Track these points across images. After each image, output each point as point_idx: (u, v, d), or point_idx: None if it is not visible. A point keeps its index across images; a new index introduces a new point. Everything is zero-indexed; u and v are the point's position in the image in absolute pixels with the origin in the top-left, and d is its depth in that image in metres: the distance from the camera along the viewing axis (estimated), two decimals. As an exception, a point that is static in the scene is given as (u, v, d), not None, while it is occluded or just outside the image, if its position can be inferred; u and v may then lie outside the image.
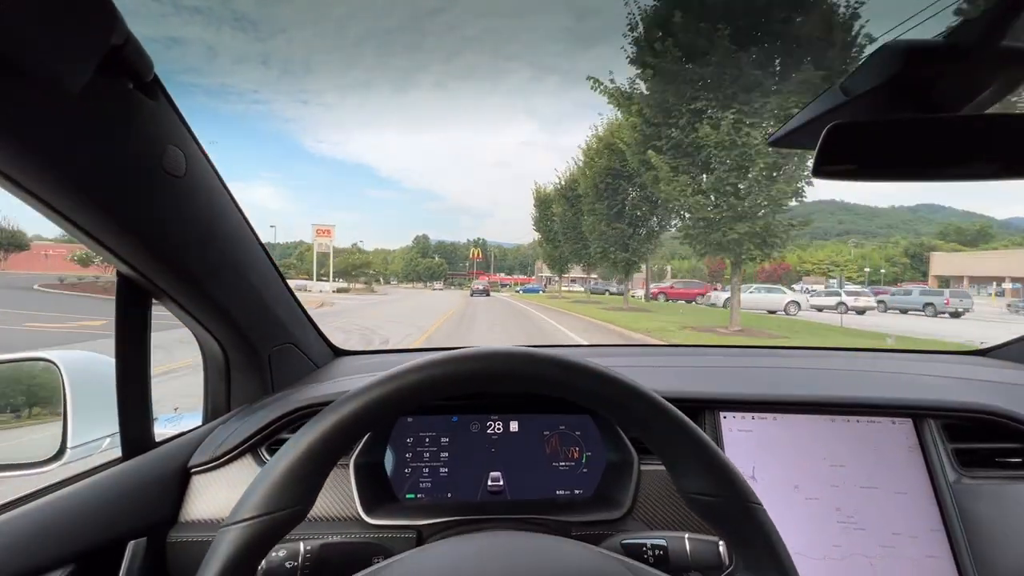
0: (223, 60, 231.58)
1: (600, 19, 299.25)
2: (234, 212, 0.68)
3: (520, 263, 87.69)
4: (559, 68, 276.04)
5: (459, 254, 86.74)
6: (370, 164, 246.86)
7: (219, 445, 0.72)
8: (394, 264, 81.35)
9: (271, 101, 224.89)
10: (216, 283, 0.67)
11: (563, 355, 0.35)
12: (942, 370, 0.91)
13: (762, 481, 0.71)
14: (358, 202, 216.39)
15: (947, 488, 0.70)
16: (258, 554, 0.31)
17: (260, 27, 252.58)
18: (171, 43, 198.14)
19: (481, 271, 61.89)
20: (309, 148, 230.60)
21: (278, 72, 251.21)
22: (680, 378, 0.85)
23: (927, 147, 0.43)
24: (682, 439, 0.35)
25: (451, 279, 72.41)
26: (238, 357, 0.81)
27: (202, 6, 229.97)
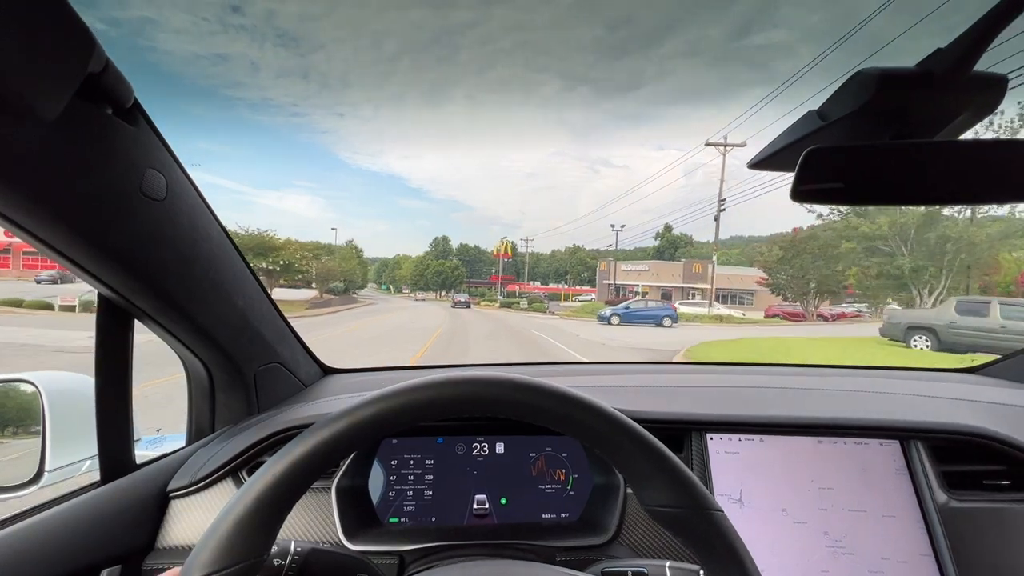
0: (265, 75, 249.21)
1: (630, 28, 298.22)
2: (218, 232, 0.72)
3: (555, 271, 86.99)
4: (590, 78, 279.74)
5: (485, 259, 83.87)
6: (401, 175, 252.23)
7: (199, 469, 0.75)
8: (403, 269, 79.19)
9: (309, 114, 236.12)
10: (198, 304, 0.72)
11: (518, 377, 0.37)
12: (930, 389, 0.99)
13: (750, 504, 0.76)
14: (388, 211, 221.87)
15: (935, 511, 0.76)
16: None
17: (301, 43, 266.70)
18: (218, 60, 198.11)
19: (510, 277, 59.66)
20: (344, 159, 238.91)
21: (317, 86, 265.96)
22: (666, 398, 0.91)
23: (902, 171, 0.49)
24: (639, 451, 0.38)
25: (470, 287, 68.45)
26: (222, 377, 0.86)
27: (248, 24, 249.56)
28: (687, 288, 49.43)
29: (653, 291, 47.56)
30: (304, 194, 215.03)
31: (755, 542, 0.71)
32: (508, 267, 60.00)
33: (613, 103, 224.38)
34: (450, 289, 70.63)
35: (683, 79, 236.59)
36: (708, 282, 53.73)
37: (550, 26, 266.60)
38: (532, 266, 67.87)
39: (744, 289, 50.92)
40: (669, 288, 46.86)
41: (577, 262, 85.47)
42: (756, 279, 54.87)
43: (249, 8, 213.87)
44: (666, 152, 64.93)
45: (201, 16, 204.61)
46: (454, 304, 35.21)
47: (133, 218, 0.56)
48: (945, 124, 0.50)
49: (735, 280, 51.18)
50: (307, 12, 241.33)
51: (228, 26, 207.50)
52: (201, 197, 0.68)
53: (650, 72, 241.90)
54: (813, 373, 1.19)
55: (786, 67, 50.02)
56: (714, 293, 42.80)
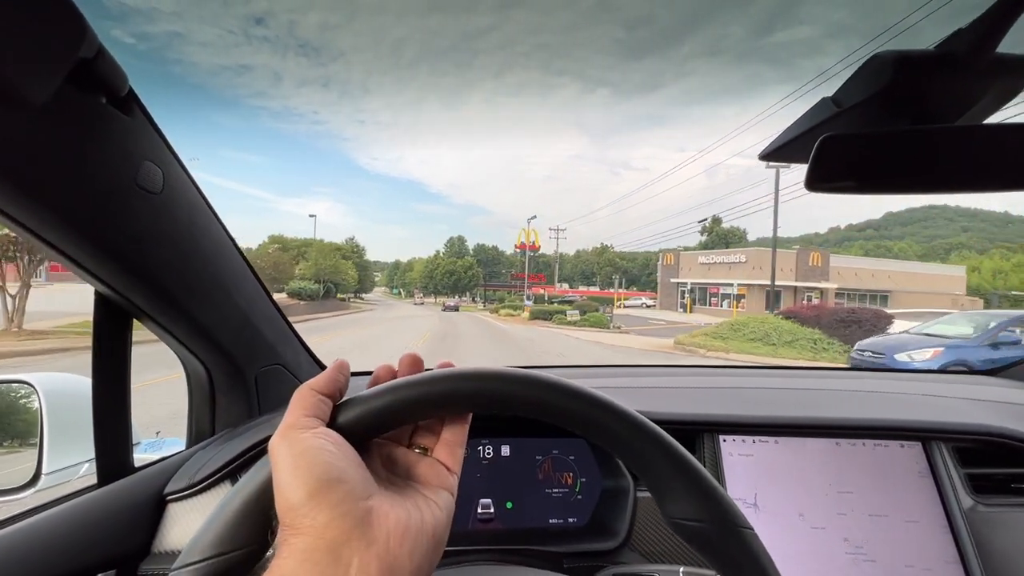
0: (287, 84, 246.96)
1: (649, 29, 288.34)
2: (217, 229, 0.73)
3: (581, 272, 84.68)
4: (609, 81, 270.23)
5: (503, 261, 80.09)
6: (420, 180, 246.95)
7: (197, 471, 0.76)
8: (414, 271, 76.22)
9: (329, 122, 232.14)
10: (198, 302, 0.73)
11: (531, 373, 0.37)
12: (950, 390, 0.99)
13: (765, 508, 0.77)
14: (408, 216, 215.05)
15: (961, 516, 0.75)
16: None
17: (322, 53, 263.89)
18: (242, 70, 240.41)
19: (539, 276, 40.98)
20: (364, 165, 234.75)
21: (337, 94, 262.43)
22: (678, 400, 0.92)
23: (922, 158, 0.47)
24: (661, 458, 0.36)
25: (487, 291, 60.76)
26: (223, 379, 0.87)
27: (270, 35, 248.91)
28: (801, 288, 35.32)
29: (753, 293, 25.91)
30: (324, 200, 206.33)
31: (771, 549, 0.71)
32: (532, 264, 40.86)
33: (632, 104, 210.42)
34: (464, 293, 63.62)
35: (704, 79, 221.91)
36: (830, 279, 37.04)
37: (568, 29, 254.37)
38: (552, 269, 63.13)
39: (878, 290, 37.61)
40: (777, 288, 25.77)
41: (606, 262, 79.42)
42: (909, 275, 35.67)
43: (272, 20, 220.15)
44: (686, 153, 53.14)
45: (226, 28, 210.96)
46: (444, 308, 38.17)
47: (129, 211, 0.56)
48: (966, 108, 0.47)
49: (864, 277, 37.66)
50: (327, 22, 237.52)
51: (251, 37, 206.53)
52: (200, 193, 0.69)
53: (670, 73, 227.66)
54: (829, 375, 1.20)
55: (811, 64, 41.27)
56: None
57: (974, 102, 0.46)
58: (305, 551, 0.26)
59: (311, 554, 0.26)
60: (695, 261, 38.70)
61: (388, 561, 0.28)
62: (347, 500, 0.28)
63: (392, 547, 0.28)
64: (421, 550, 0.30)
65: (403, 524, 0.30)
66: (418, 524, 0.31)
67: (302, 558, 0.26)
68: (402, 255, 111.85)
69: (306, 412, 0.32)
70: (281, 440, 0.31)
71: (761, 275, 32.28)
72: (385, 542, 0.28)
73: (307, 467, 0.28)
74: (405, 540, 0.29)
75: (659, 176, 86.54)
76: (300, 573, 0.25)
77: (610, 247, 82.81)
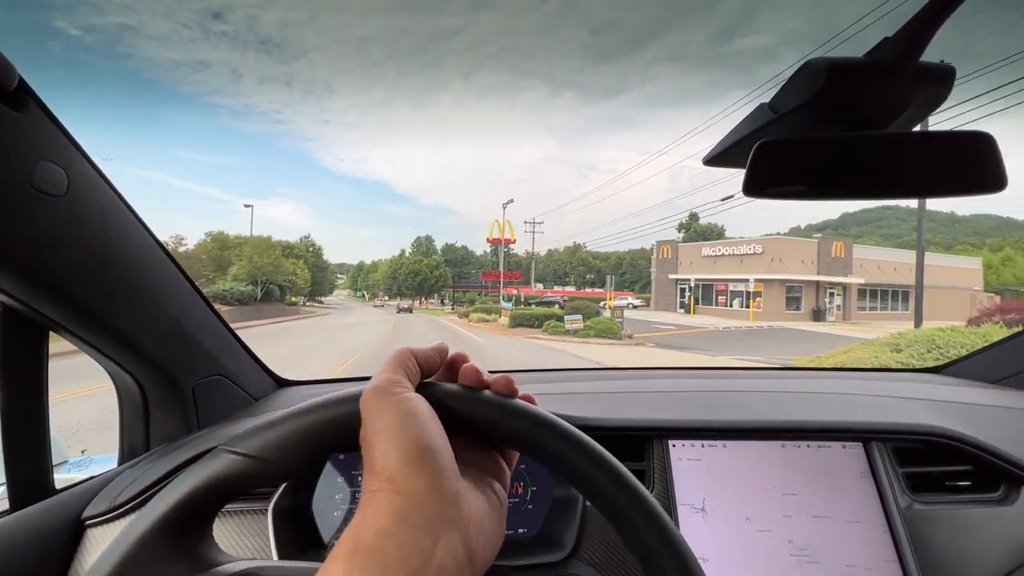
0: (247, 82, 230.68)
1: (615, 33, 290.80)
2: (140, 233, 0.69)
3: (554, 273, 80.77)
4: (576, 83, 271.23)
5: (474, 261, 77.71)
6: (387, 181, 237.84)
7: (119, 493, 0.71)
8: (378, 272, 73.00)
9: (293, 121, 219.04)
10: (119, 312, 0.69)
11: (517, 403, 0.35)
12: (893, 389, 1.02)
13: (713, 513, 0.78)
14: (375, 218, 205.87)
15: (899, 515, 0.77)
16: None
17: (284, 50, 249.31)
18: (199, 67, 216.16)
19: (513, 275, 33.24)
20: (329, 166, 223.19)
21: (301, 93, 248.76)
22: (629, 405, 0.92)
23: (854, 165, 0.48)
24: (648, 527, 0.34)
25: (457, 292, 54.69)
26: (156, 392, 0.82)
27: (229, 31, 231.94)
28: (823, 283, 29.63)
29: (772, 291, 17.68)
30: (287, 202, 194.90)
31: (718, 553, 0.75)
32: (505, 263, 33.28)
33: (599, 107, 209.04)
34: (431, 294, 59.15)
35: (668, 83, 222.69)
36: (852, 272, 30.93)
37: (536, 31, 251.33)
38: (526, 269, 56.03)
39: (900, 285, 31.85)
40: (798, 283, 18.02)
41: (579, 262, 77.58)
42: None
43: (230, 15, 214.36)
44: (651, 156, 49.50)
45: (181, 23, 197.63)
46: (399, 310, 37.31)
47: (25, 215, 0.52)
48: (895, 116, 0.49)
49: (887, 270, 31.80)
50: (289, 19, 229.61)
51: (209, 33, 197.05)
52: (117, 194, 0.65)
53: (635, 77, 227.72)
54: (778, 376, 1.24)
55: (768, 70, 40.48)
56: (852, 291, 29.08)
57: (902, 110, 0.48)
58: (403, 513, 0.26)
59: (410, 517, 0.26)
60: (697, 254, 35.56)
61: (469, 548, 0.28)
62: (443, 475, 0.28)
63: (472, 535, 0.28)
64: (491, 543, 0.30)
65: (481, 514, 0.30)
66: (491, 517, 0.31)
67: (400, 519, 0.26)
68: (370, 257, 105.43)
69: (407, 374, 0.32)
70: (382, 395, 0.30)
71: (781, 268, 26.97)
72: (466, 528, 0.28)
73: (413, 427, 0.28)
74: (481, 531, 0.29)
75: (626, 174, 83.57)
76: (397, 532, 0.25)
77: (583, 246, 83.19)
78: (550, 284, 73.91)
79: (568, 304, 22.04)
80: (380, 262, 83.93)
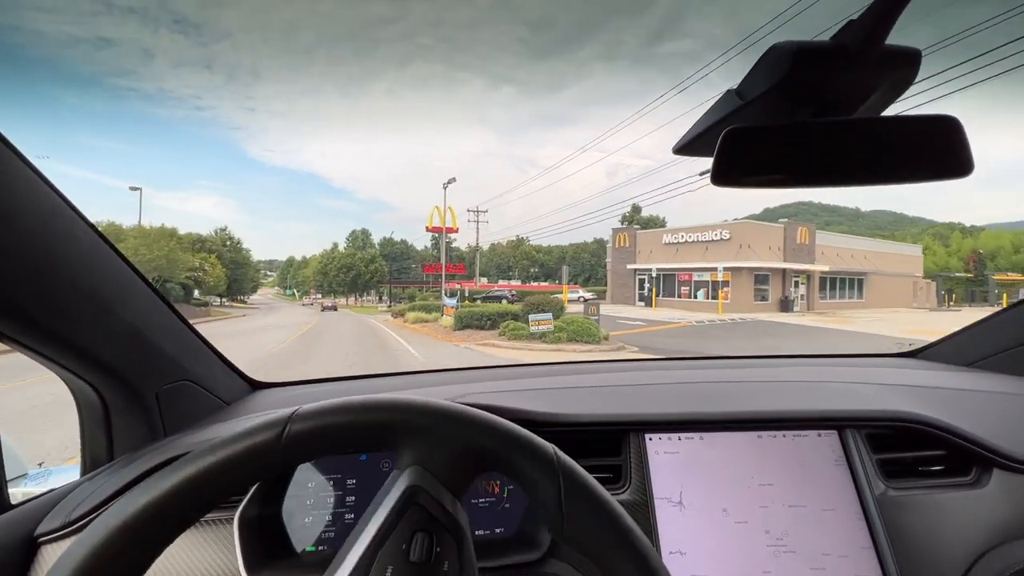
0: (161, 63, 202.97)
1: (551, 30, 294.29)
2: (86, 235, 0.66)
3: (498, 267, 78.06)
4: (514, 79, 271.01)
5: (415, 256, 71.37)
6: (322, 174, 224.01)
7: (76, 507, 0.67)
8: (308, 268, 67.50)
9: (215, 107, 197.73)
10: (69, 319, 0.65)
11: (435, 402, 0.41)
12: (868, 375, 1.02)
13: (690, 506, 0.78)
14: (311, 213, 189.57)
15: (874, 502, 0.77)
16: None
17: (203, 31, 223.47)
18: (103, 44, 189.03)
19: (456, 268, 28.20)
20: (257, 156, 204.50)
21: (223, 78, 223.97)
22: (603, 400, 0.91)
23: (822, 151, 0.47)
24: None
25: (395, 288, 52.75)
26: (117, 400, 0.78)
27: (137, 6, 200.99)
28: (789, 271, 27.32)
29: (740, 280, 13.69)
30: (211, 195, 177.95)
31: (696, 546, 0.75)
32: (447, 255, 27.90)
33: (537, 103, 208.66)
34: (366, 291, 54.69)
35: (603, 82, 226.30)
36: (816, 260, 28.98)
37: (471, 24, 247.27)
38: (470, 262, 50.73)
39: (855, 272, 30.70)
40: (766, 271, 14.27)
41: (522, 256, 76.34)
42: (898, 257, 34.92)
43: None
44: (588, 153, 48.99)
45: None
46: (323, 308, 35.25)
47: None
48: (862, 100, 0.48)
49: (846, 257, 30.43)
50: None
51: (113, 6, 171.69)
52: (58, 194, 0.62)
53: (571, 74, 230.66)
54: (753, 365, 1.23)
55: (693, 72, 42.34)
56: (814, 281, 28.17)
57: (869, 93, 0.47)
58: None
59: None
60: (658, 242, 31.96)
61: None
62: None
63: None
64: None
65: None
66: None
67: None
68: (306, 253, 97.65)
69: None
70: None
71: (751, 255, 24.41)
72: None
73: None
74: None
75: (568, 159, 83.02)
76: None
77: (526, 239, 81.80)
78: (494, 278, 73.32)
79: (525, 300, 16.75)
80: (312, 258, 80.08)
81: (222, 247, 45.35)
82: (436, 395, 0.90)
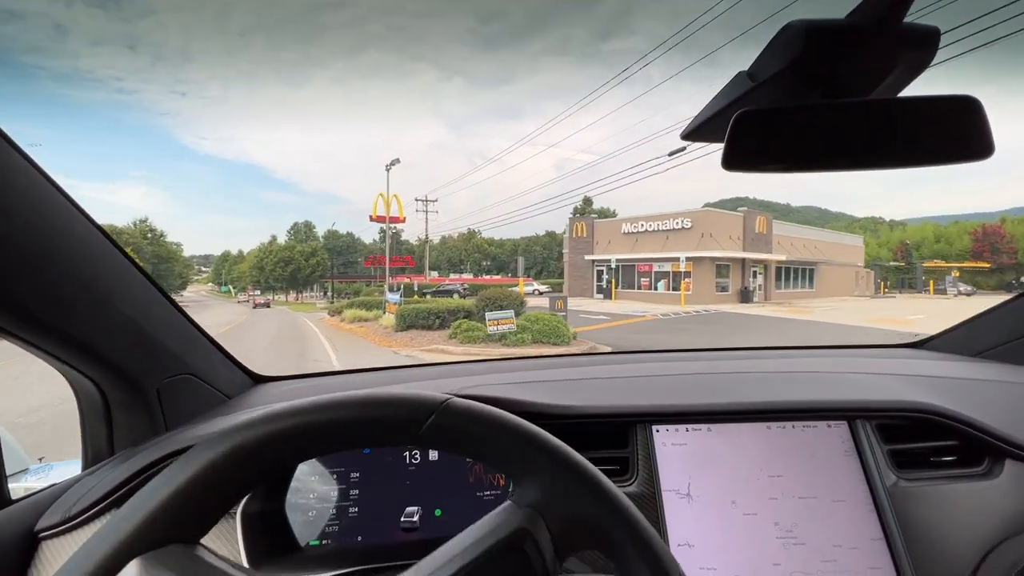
0: (76, 41, 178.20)
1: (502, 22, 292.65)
2: (84, 227, 0.66)
3: (449, 261, 75.86)
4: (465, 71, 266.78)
5: (362, 250, 69.47)
6: (264, 165, 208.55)
7: (76, 502, 0.67)
8: (245, 263, 62.39)
9: (140, 91, 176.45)
10: (67, 313, 0.65)
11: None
12: (876, 366, 1.03)
13: (698, 498, 0.77)
14: (251, 206, 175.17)
15: (885, 493, 0.77)
16: None
17: (123, 6, 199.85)
18: (8, 16, 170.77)
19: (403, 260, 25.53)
20: (190, 145, 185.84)
21: (149, 59, 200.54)
22: (609, 392, 0.91)
23: (838, 133, 0.46)
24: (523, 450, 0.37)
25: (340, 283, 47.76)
26: (118, 395, 0.78)
27: None
28: (748, 261, 26.42)
29: (702, 271, 12.06)
30: (139, 185, 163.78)
31: (704, 538, 0.75)
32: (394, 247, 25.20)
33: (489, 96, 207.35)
34: (307, 286, 51.02)
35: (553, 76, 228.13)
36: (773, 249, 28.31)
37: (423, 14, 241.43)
38: (419, 256, 50.47)
39: (806, 262, 30.36)
40: (727, 260, 12.89)
41: (474, 249, 74.22)
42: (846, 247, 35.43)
43: None
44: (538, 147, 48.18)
45: None
46: (255, 306, 32.62)
47: None
48: (879, 81, 0.46)
49: (799, 247, 30.21)
50: None
51: None
52: (55, 186, 0.61)
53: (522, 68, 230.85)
54: (760, 356, 1.20)
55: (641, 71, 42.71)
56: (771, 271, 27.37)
57: (886, 74, 0.45)
58: None
59: None
60: (616, 231, 30.42)
61: None
62: None
63: None
64: None
65: None
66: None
67: None
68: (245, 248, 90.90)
69: None
70: None
71: (713, 244, 23.36)
72: None
73: None
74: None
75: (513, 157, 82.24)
76: None
77: (478, 232, 79.86)
78: (445, 272, 70.14)
79: (479, 294, 13.61)
80: (251, 252, 73.61)
81: (142, 240, 40.92)
82: (439, 387, 0.84)
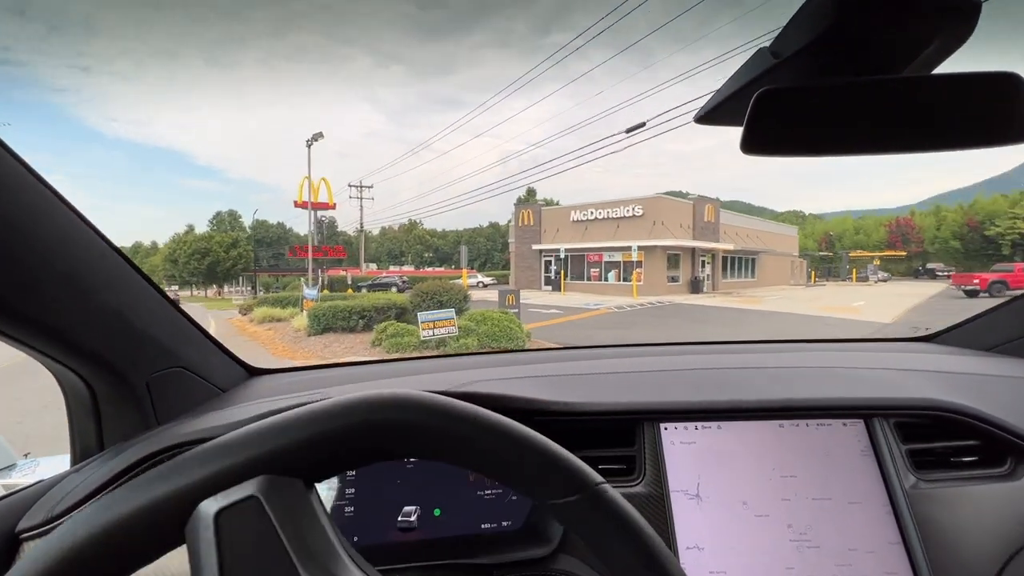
0: None
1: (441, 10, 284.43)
2: (65, 217, 0.63)
3: (389, 253, 73.45)
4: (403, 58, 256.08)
5: (294, 240, 61.83)
6: (183, 150, 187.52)
7: (60, 500, 0.64)
8: (157, 255, 57.17)
9: (33, 64, 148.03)
10: (48, 304, 0.62)
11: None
12: (891, 360, 0.98)
13: (708, 498, 0.74)
14: (170, 194, 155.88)
15: (903, 495, 0.73)
16: None
17: None
18: None
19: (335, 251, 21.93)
20: (96, 126, 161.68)
21: (42, 27, 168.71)
22: (614, 387, 0.86)
23: (868, 113, 0.42)
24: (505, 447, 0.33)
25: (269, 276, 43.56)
26: (106, 389, 0.76)
27: None
28: (698, 250, 25.76)
29: (653, 260, 10.59)
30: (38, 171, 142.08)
31: (714, 540, 0.72)
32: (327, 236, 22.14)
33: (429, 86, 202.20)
34: (229, 280, 45.75)
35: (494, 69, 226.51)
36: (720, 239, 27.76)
37: None
38: (356, 247, 46.47)
39: (749, 251, 30.05)
40: (677, 250, 11.66)
41: (416, 240, 73.30)
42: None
43: None
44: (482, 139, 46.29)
45: None
46: None
47: None
48: (914, 56, 0.42)
49: (744, 236, 29.66)
50: None
51: None
52: (32, 174, 0.58)
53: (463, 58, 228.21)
54: (770, 349, 1.16)
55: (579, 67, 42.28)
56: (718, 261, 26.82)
57: (921, 50, 0.41)
58: None
59: None
60: (565, 219, 28.67)
61: None
62: None
63: None
64: None
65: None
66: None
67: None
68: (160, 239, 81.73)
69: None
70: None
71: (664, 233, 22.29)
72: None
73: None
74: None
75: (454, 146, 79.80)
76: None
77: (419, 223, 77.38)
78: (385, 264, 67.25)
79: (415, 288, 11.61)
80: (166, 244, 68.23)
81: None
82: (441, 382, 0.82)
